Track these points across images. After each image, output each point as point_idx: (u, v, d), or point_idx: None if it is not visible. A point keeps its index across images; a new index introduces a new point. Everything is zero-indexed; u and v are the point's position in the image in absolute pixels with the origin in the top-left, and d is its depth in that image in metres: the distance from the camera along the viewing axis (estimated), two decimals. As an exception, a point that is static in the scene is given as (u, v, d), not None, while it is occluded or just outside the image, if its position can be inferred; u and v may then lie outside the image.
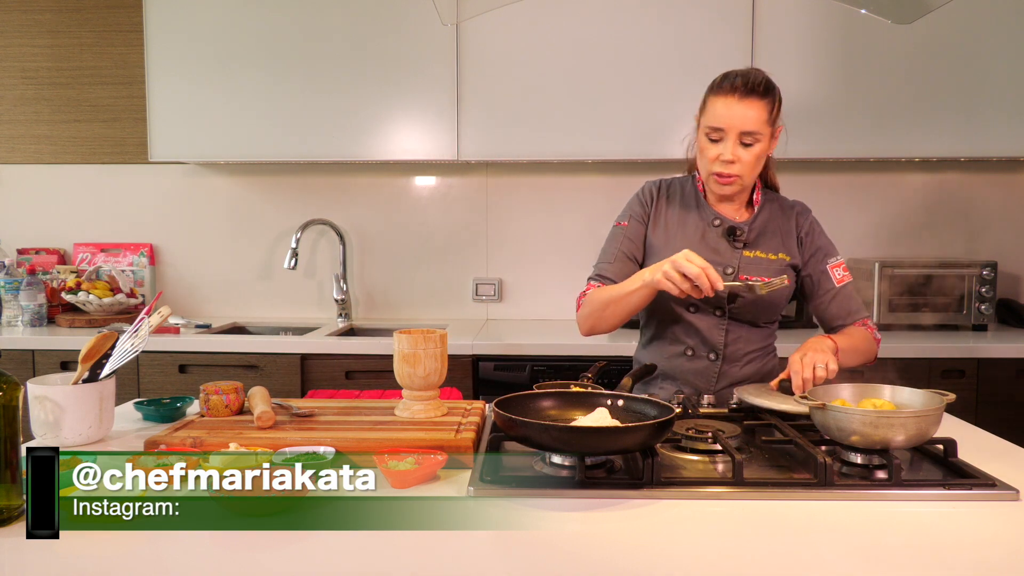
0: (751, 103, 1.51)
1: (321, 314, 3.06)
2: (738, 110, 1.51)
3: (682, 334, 1.63)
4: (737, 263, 1.60)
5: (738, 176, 1.55)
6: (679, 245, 1.57)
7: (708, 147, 1.55)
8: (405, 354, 1.42)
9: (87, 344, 1.38)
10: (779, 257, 1.63)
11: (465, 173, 3.01)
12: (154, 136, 2.74)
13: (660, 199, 1.68)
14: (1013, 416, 2.40)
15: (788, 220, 1.66)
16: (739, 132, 1.51)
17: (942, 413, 1.20)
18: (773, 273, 1.59)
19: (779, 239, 1.64)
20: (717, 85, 1.56)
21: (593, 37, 2.62)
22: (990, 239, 2.95)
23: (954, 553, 0.92)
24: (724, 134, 1.52)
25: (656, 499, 1.08)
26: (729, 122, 1.51)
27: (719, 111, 1.52)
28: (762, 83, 1.53)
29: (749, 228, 1.62)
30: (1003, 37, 2.58)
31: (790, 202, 1.70)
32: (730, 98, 1.51)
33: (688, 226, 1.64)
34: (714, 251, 1.60)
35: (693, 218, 1.64)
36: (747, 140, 1.52)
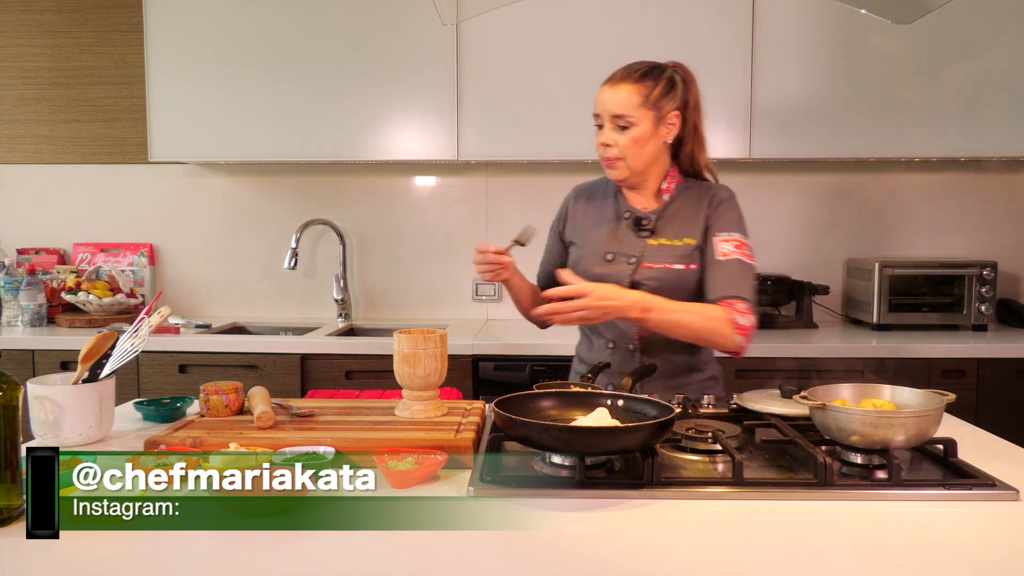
0: (621, 88, 1.59)
1: (321, 314, 3.06)
2: (608, 94, 1.59)
3: (603, 329, 1.68)
4: (641, 251, 1.63)
5: (619, 159, 1.60)
6: (590, 240, 1.69)
7: (596, 135, 1.63)
8: (405, 354, 1.42)
9: (87, 344, 1.38)
10: (684, 242, 1.62)
11: (465, 173, 3.01)
12: (154, 136, 2.74)
13: (579, 200, 1.77)
14: (1013, 416, 2.40)
15: (700, 204, 1.65)
16: (610, 116, 1.58)
17: (942, 413, 1.20)
18: (677, 260, 1.60)
19: (687, 224, 1.64)
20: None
21: (593, 37, 2.62)
22: (990, 239, 2.95)
23: (954, 553, 0.92)
24: (601, 120, 1.61)
25: (656, 499, 1.08)
26: (601, 107, 1.60)
27: (597, 98, 1.62)
28: (640, 69, 1.60)
29: (657, 217, 1.64)
30: (1003, 37, 2.58)
31: (711, 186, 1.68)
32: (604, 85, 1.62)
33: (602, 220, 1.70)
34: (620, 242, 1.65)
35: (608, 213, 1.70)
36: (621, 123, 1.58)
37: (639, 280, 1.60)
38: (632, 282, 1.60)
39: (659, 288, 1.59)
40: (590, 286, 1.44)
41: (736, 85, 2.60)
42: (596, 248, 1.67)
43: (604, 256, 1.65)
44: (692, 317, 1.51)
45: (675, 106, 1.61)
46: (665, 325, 1.49)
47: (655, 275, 1.60)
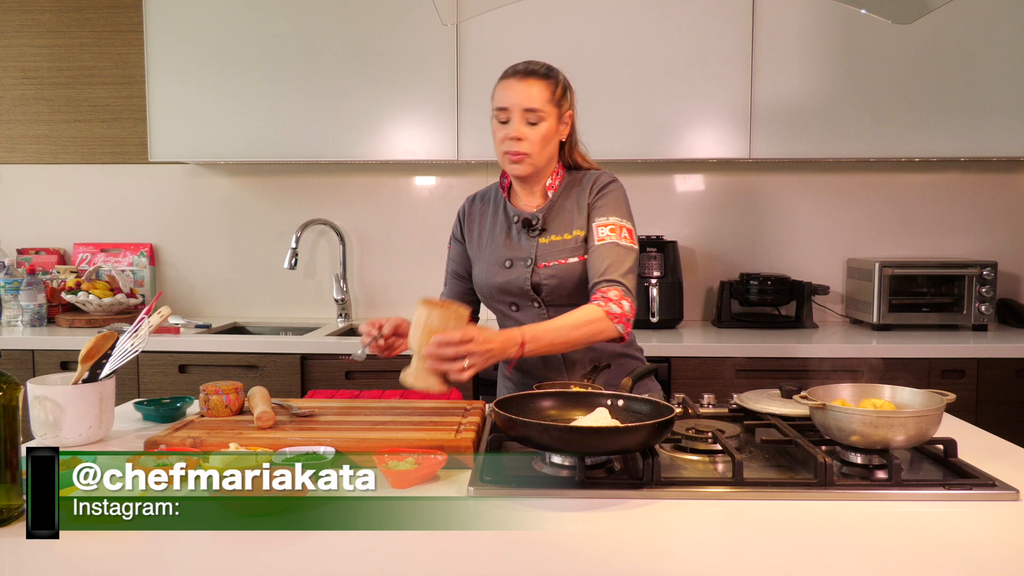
0: (531, 82, 1.58)
1: (321, 314, 3.06)
2: (519, 88, 1.58)
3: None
4: (535, 252, 1.62)
5: (527, 154, 1.58)
6: (488, 250, 1.68)
7: (498, 129, 1.60)
8: (432, 327, 1.40)
9: (87, 344, 1.38)
10: (573, 235, 1.61)
11: (465, 173, 3.01)
12: (154, 136, 2.74)
13: (472, 212, 1.75)
14: (1013, 416, 2.40)
15: (584, 193, 1.63)
16: (522, 109, 1.57)
17: (942, 413, 1.20)
18: (568, 254, 1.60)
19: (572, 216, 1.63)
20: (502, 74, 1.63)
21: (593, 37, 2.62)
22: (990, 239, 2.95)
23: (954, 553, 0.92)
24: (510, 113, 1.58)
25: (656, 499, 1.08)
26: (513, 100, 1.57)
27: (502, 93, 1.60)
28: (542, 67, 1.62)
29: (544, 214, 1.63)
30: (1003, 37, 2.58)
31: (593, 174, 1.67)
32: (511, 79, 1.60)
33: (496, 229, 1.69)
34: (515, 247, 1.64)
35: (500, 220, 1.69)
36: (531, 118, 1.57)
37: (538, 281, 1.61)
38: (533, 284, 1.60)
39: (559, 284, 1.60)
40: (471, 333, 1.36)
41: (736, 85, 2.60)
42: (494, 257, 1.66)
43: (503, 264, 1.64)
44: (568, 332, 1.47)
45: (569, 106, 1.65)
46: (547, 349, 1.46)
47: (552, 272, 1.60)
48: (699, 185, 2.98)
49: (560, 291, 1.61)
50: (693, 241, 2.98)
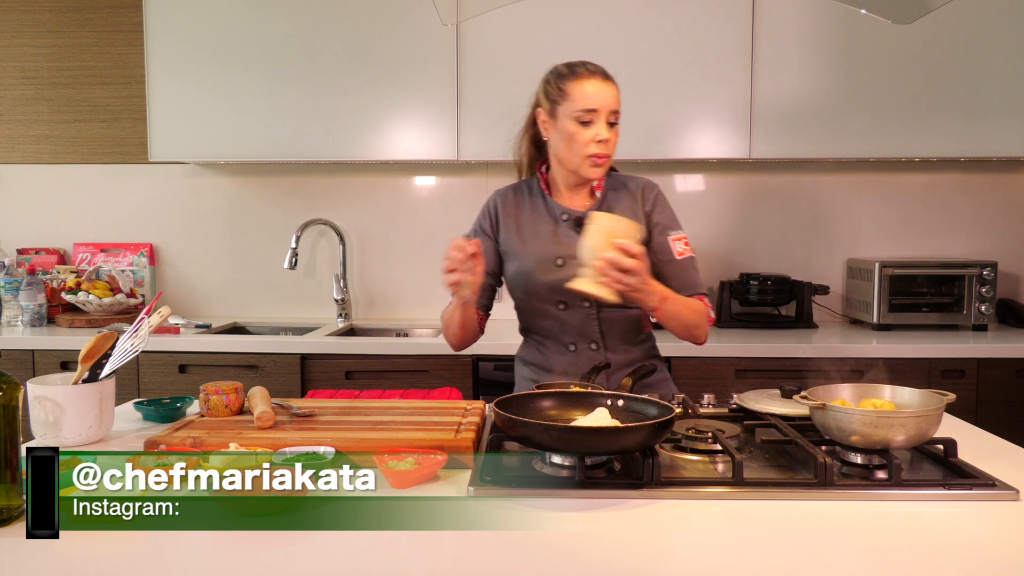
0: (611, 84, 1.59)
1: (321, 314, 3.06)
2: (606, 90, 1.57)
3: (560, 332, 1.67)
4: None
5: (609, 156, 1.58)
6: (535, 248, 1.64)
7: (580, 131, 1.56)
8: (615, 233, 1.37)
9: (87, 344, 1.38)
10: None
11: (465, 173, 3.01)
12: (154, 136, 2.74)
13: (506, 206, 1.72)
14: (1013, 416, 2.40)
15: (632, 197, 1.68)
16: (610, 111, 1.57)
17: (942, 413, 1.20)
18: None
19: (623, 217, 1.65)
20: (572, 72, 1.59)
21: (593, 37, 2.62)
22: (990, 239, 2.95)
23: (954, 553, 0.92)
24: (597, 115, 1.56)
25: (656, 499, 1.08)
26: (602, 101, 1.56)
27: (590, 92, 1.56)
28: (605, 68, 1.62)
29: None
30: (1003, 37, 2.58)
31: (635, 180, 1.71)
32: (595, 80, 1.57)
33: (539, 227, 1.67)
34: (565, 245, 1.62)
35: (543, 218, 1.67)
36: (612, 119, 1.58)
37: None
38: None
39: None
40: (640, 255, 1.38)
41: (736, 85, 2.60)
42: (542, 255, 1.64)
43: (554, 262, 1.63)
44: (689, 312, 1.55)
45: None
46: (670, 316, 1.51)
47: None
48: (699, 185, 2.98)
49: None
50: (693, 241, 2.94)
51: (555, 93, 1.60)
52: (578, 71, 1.59)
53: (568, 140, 1.59)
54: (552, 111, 1.61)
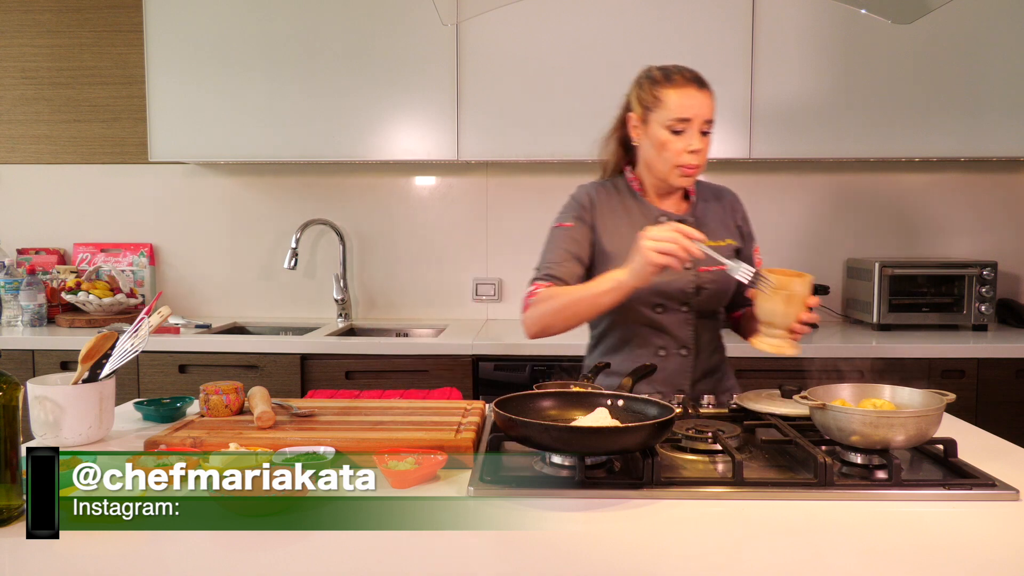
0: (707, 93, 1.55)
1: (321, 314, 3.06)
2: (700, 99, 1.53)
3: (651, 335, 1.63)
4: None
5: (700, 166, 1.56)
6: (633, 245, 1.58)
7: (672, 140, 1.54)
8: (800, 295, 1.36)
9: (87, 344, 1.38)
10: (727, 243, 1.65)
11: (465, 173, 3.01)
12: (154, 136, 2.74)
13: (601, 201, 1.65)
14: (1013, 416, 2.40)
15: (723, 206, 1.69)
16: (704, 121, 1.53)
17: (942, 413, 1.20)
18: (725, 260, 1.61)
19: (721, 225, 1.67)
20: (667, 79, 1.55)
21: (593, 37, 2.62)
22: (990, 239, 2.95)
23: (954, 553, 0.92)
24: (690, 124, 1.53)
25: (656, 499, 1.08)
26: (696, 111, 1.52)
27: (684, 101, 1.52)
28: (702, 75, 1.59)
29: (693, 219, 1.63)
30: (1003, 37, 2.58)
31: (716, 187, 1.73)
32: (690, 88, 1.54)
33: (636, 227, 1.60)
34: None
35: (638, 218, 1.63)
36: (706, 129, 1.55)
37: (702, 284, 1.59)
38: (697, 287, 1.59)
39: (717, 290, 1.60)
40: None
41: (736, 85, 2.60)
42: None
43: None
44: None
45: None
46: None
47: (714, 277, 1.59)
48: (699, 185, 2.98)
49: (716, 297, 1.61)
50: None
51: (648, 99, 1.57)
52: (673, 78, 1.55)
53: (659, 148, 1.56)
54: (644, 117, 1.58)
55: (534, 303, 1.56)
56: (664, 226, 1.37)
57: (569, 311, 1.51)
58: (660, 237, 1.35)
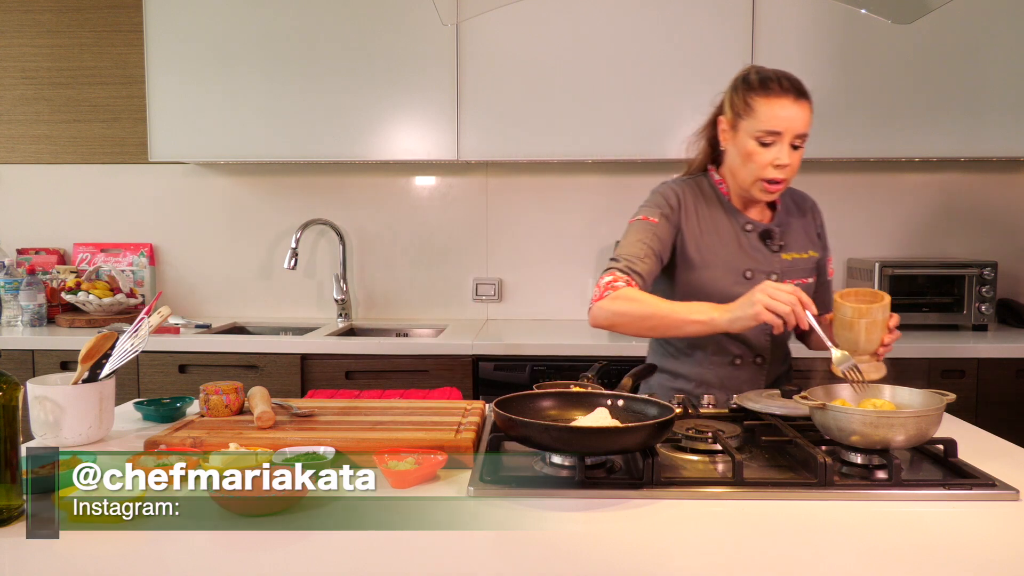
0: (803, 105, 1.48)
1: (321, 314, 3.06)
2: (795, 112, 1.47)
3: (727, 344, 1.60)
4: (779, 268, 1.58)
5: (786, 180, 1.51)
6: (719, 256, 1.56)
7: (759, 151, 1.48)
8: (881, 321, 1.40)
9: (87, 344, 1.38)
10: (810, 255, 1.64)
11: (465, 173, 3.01)
12: (154, 136, 2.74)
13: (687, 205, 1.59)
14: (1013, 416, 2.40)
15: (805, 215, 1.67)
16: (796, 135, 1.48)
17: (942, 413, 1.20)
18: (806, 273, 1.62)
19: (804, 236, 1.65)
20: (763, 86, 1.49)
21: (593, 37, 2.62)
22: (990, 239, 2.95)
23: (954, 553, 0.92)
24: (780, 138, 1.47)
25: (656, 499, 1.08)
26: (788, 125, 1.46)
27: (776, 113, 1.46)
28: (803, 84, 1.52)
29: (780, 229, 1.60)
30: (1003, 37, 2.58)
31: (800, 194, 1.70)
32: (785, 100, 1.47)
33: (722, 233, 1.58)
34: (754, 258, 1.57)
35: (724, 224, 1.59)
36: (798, 143, 1.49)
37: None
38: None
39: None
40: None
41: (736, 85, 2.60)
42: (730, 264, 1.56)
43: (743, 274, 1.56)
44: None
45: None
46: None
47: None
48: (699, 185, 2.98)
49: None
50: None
51: (740, 105, 1.51)
52: (769, 86, 1.48)
53: (745, 158, 1.51)
54: (734, 123, 1.53)
55: (612, 297, 1.47)
56: (785, 287, 1.33)
57: (649, 323, 1.45)
58: (778, 298, 1.31)
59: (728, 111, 1.55)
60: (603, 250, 3.00)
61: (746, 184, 1.54)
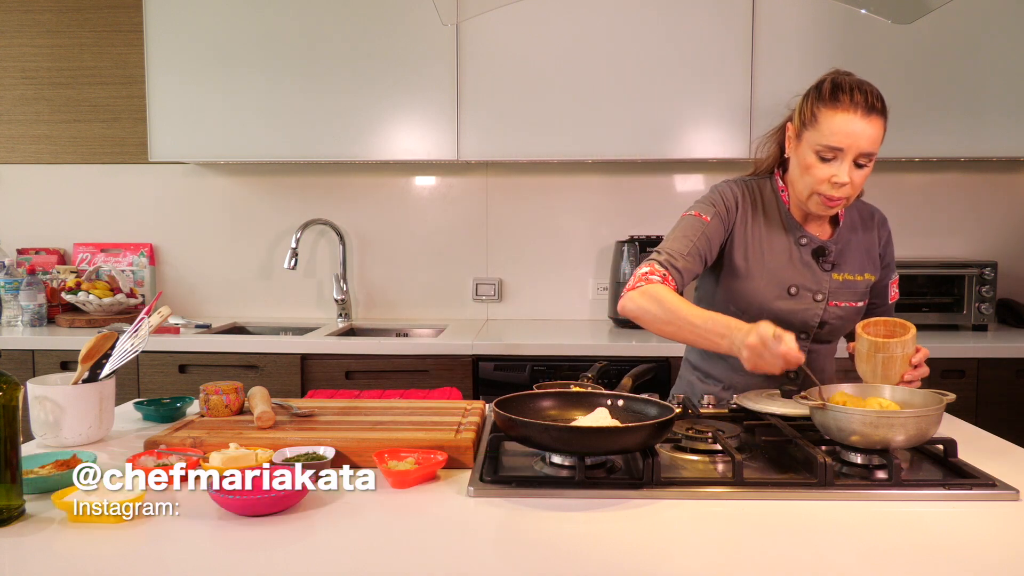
0: (873, 121, 1.39)
1: (321, 314, 3.06)
2: (861, 128, 1.37)
3: None
4: (827, 288, 1.51)
5: (844, 200, 1.43)
6: (766, 267, 1.50)
7: (818, 166, 1.41)
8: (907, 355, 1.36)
9: (87, 344, 1.38)
10: (865, 278, 1.55)
11: (465, 173, 3.01)
12: (154, 136, 2.74)
13: (744, 207, 1.53)
14: (1013, 416, 2.40)
15: (870, 232, 1.58)
16: (858, 152, 1.39)
17: (942, 413, 1.20)
18: (857, 297, 1.54)
19: (863, 256, 1.56)
20: (832, 97, 1.41)
21: (593, 37, 2.62)
22: (990, 239, 2.95)
23: (954, 553, 0.92)
24: (842, 154, 1.39)
25: (656, 499, 1.08)
26: (852, 142, 1.37)
27: (840, 128, 1.37)
28: (880, 98, 1.42)
29: (836, 247, 1.53)
30: (1003, 37, 2.58)
31: (869, 209, 1.61)
32: (852, 115, 1.38)
33: (774, 245, 1.52)
34: (802, 274, 1.51)
35: (778, 235, 1.52)
36: (862, 161, 1.40)
37: (827, 319, 1.52)
38: (822, 321, 1.52)
39: (841, 326, 1.54)
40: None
41: (736, 85, 2.60)
42: (776, 278, 1.50)
43: (787, 289, 1.50)
44: None
45: None
46: None
47: (842, 313, 1.52)
48: (699, 185, 2.98)
49: (838, 332, 1.55)
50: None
51: (807, 114, 1.43)
52: (840, 98, 1.39)
53: (803, 170, 1.44)
54: (799, 132, 1.46)
55: (644, 291, 1.42)
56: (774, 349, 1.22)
57: (671, 327, 1.40)
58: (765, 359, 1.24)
59: (796, 118, 1.48)
60: (603, 250, 3.00)
61: (803, 196, 1.47)
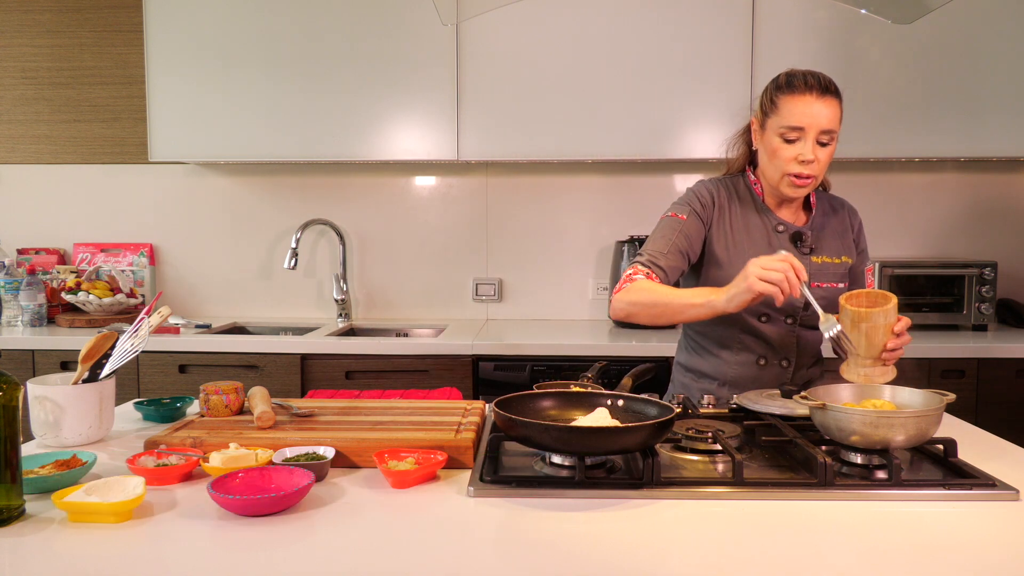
0: (829, 101, 1.49)
1: (321, 314, 3.06)
2: (818, 108, 1.48)
3: (752, 343, 1.61)
4: (808, 271, 1.57)
5: (814, 176, 1.52)
6: (746, 254, 1.53)
7: (784, 147, 1.51)
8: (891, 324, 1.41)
9: (87, 344, 1.38)
10: (842, 260, 1.63)
11: (465, 173, 3.01)
12: (154, 136, 2.74)
13: (720, 201, 1.62)
14: (1013, 416, 2.40)
15: (842, 220, 1.67)
16: (819, 131, 1.49)
17: (942, 413, 1.20)
18: (838, 279, 1.61)
19: (839, 241, 1.64)
20: (788, 84, 1.52)
21: (593, 37, 2.62)
22: (990, 239, 2.95)
23: (954, 553, 0.92)
24: (804, 133, 1.49)
25: (656, 499, 1.08)
26: (811, 120, 1.48)
27: (798, 109, 1.49)
28: (832, 82, 1.52)
29: (812, 232, 1.61)
30: (1003, 37, 2.58)
31: (838, 200, 1.71)
32: (808, 96, 1.49)
33: (752, 233, 1.60)
34: None
35: (755, 224, 1.61)
36: (824, 139, 1.50)
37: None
38: (806, 302, 1.55)
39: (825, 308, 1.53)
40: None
41: (736, 85, 2.60)
42: None
43: None
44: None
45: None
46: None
47: (824, 294, 1.57)
48: (699, 185, 2.98)
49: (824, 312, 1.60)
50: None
51: (767, 104, 1.55)
52: (794, 84, 1.51)
53: (771, 155, 1.54)
54: (762, 122, 1.57)
55: (628, 289, 1.53)
56: (775, 256, 1.35)
57: (656, 310, 1.49)
58: (769, 266, 1.33)
59: (758, 111, 1.58)
60: (603, 250, 3.00)
61: (774, 181, 1.56)
